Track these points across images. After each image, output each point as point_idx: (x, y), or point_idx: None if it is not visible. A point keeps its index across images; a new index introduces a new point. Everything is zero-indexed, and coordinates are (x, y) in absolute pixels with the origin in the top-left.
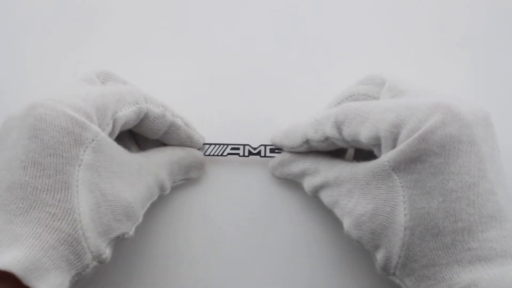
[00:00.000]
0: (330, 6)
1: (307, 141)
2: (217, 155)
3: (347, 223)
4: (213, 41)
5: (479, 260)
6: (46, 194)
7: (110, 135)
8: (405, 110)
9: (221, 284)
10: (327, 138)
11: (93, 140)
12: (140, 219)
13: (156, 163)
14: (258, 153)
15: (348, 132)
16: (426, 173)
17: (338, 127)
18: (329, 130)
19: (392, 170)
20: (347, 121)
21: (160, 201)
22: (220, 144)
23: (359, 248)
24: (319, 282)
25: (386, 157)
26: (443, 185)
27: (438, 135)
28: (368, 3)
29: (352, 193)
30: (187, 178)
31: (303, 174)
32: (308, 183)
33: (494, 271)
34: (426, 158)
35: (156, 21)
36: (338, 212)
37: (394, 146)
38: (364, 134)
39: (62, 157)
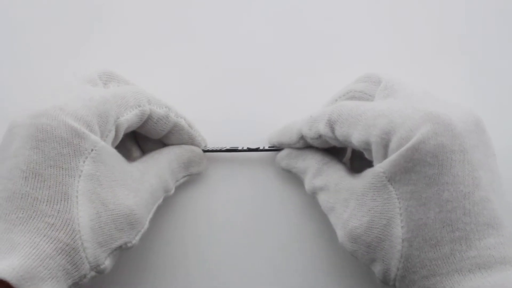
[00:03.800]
0: (330, 7)
1: (302, 137)
2: (215, 151)
3: (341, 234)
4: (213, 41)
5: (479, 268)
6: (46, 205)
7: (113, 140)
8: (397, 117)
9: (220, 279)
10: (320, 136)
11: (92, 150)
12: (146, 226)
13: (156, 166)
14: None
15: (340, 132)
16: (421, 184)
17: (331, 126)
18: (323, 128)
19: (388, 181)
20: (340, 121)
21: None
22: (218, 148)
23: None
24: (319, 277)
25: (381, 167)
26: (439, 196)
27: (431, 145)
28: (368, 3)
29: (348, 202)
30: (188, 174)
31: (306, 171)
32: (309, 182)
33: (494, 277)
34: (420, 168)
35: (156, 22)
36: (332, 219)
37: (384, 152)
38: (355, 137)
39: (62, 168)
